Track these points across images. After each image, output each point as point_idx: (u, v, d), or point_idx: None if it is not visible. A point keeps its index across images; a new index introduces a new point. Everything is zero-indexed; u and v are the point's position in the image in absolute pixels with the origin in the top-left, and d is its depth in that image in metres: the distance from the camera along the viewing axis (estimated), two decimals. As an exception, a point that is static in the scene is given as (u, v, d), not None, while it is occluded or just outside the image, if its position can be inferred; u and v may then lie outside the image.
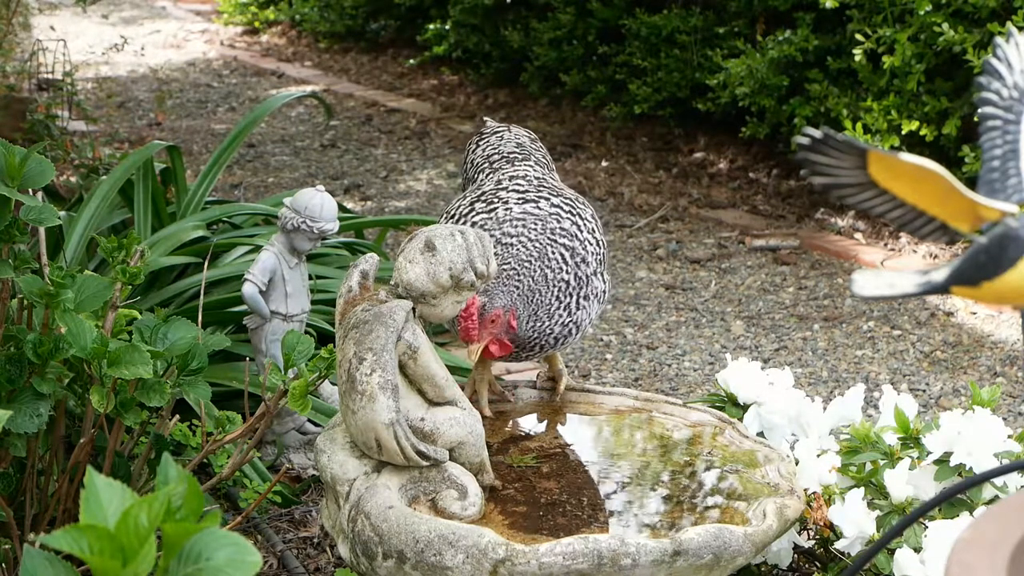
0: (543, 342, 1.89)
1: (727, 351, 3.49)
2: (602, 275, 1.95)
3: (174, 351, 1.83)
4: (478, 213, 1.97)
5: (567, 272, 1.88)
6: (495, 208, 1.97)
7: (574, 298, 1.89)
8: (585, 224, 1.96)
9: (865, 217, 4.53)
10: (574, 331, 1.91)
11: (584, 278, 1.90)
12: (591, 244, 1.94)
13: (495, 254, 1.80)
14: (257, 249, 2.90)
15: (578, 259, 1.91)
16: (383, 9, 7.88)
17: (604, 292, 1.94)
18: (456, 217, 1.99)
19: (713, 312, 3.84)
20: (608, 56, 5.62)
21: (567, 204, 1.99)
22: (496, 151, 2.17)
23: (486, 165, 2.15)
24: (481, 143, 2.23)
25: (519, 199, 1.98)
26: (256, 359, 2.49)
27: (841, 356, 3.50)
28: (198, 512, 0.84)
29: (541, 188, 2.02)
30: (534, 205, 1.96)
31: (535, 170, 2.11)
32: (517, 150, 2.17)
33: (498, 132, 2.22)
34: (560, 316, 1.87)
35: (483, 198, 2.01)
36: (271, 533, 2.27)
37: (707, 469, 1.81)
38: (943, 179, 0.86)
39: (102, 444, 1.98)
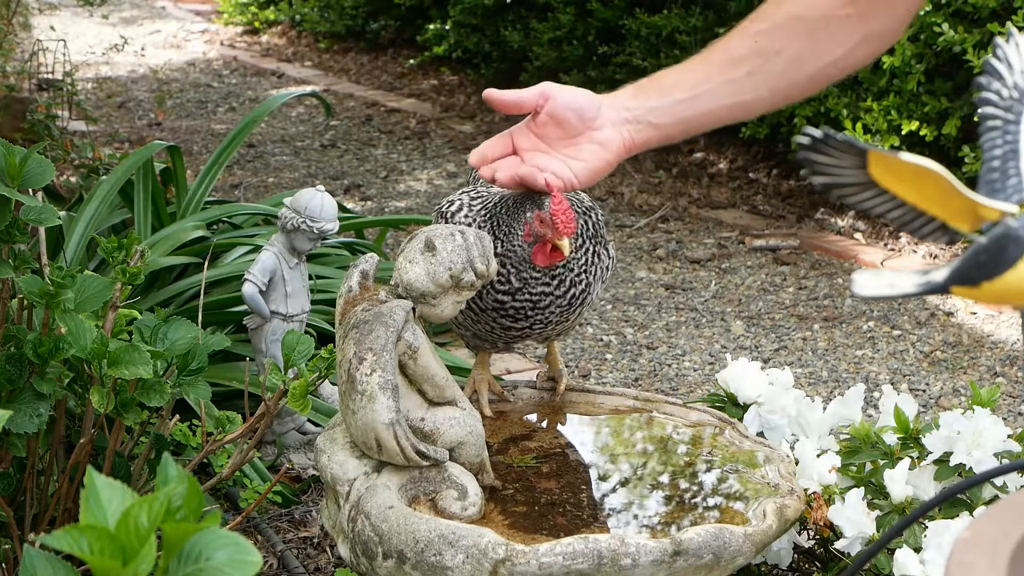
0: (558, 287, 1.80)
1: (727, 351, 3.49)
2: (605, 248, 1.91)
3: (174, 351, 1.82)
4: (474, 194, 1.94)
5: (580, 217, 1.84)
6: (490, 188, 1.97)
7: (591, 248, 1.84)
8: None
9: (865, 217, 4.53)
10: (584, 295, 1.84)
11: (594, 232, 1.86)
12: (594, 213, 1.92)
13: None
14: (257, 249, 2.91)
15: (587, 208, 1.88)
16: (383, 9, 7.89)
17: (607, 268, 1.91)
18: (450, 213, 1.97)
19: (713, 312, 3.84)
20: (608, 56, 5.63)
21: None
22: None
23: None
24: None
25: None
26: (256, 359, 2.49)
27: (841, 356, 3.50)
28: (198, 512, 0.84)
29: None
30: None
31: None
32: None
33: None
34: (578, 259, 1.81)
35: (480, 185, 2.02)
36: (271, 533, 2.27)
37: (707, 469, 1.80)
38: (943, 179, 0.86)
39: (102, 444, 1.98)
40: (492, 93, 1.78)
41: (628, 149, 1.75)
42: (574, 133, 1.74)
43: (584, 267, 1.82)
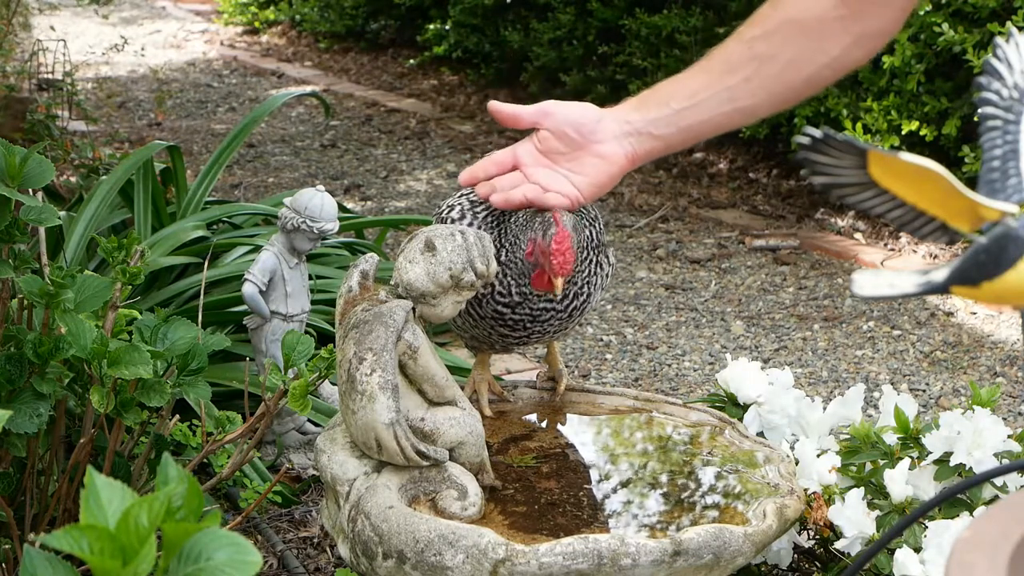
0: (560, 301, 1.80)
1: (727, 351, 3.49)
2: (606, 256, 1.91)
3: (174, 351, 1.82)
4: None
5: (586, 228, 1.84)
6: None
7: (594, 259, 1.83)
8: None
9: (865, 217, 4.53)
10: (584, 305, 1.84)
11: (597, 242, 1.86)
12: (597, 223, 1.92)
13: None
14: (257, 249, 2.91)
15: (591, 219, 1.88)
16: (383, 9, 7.89)
17: (607, 275, 1.91)
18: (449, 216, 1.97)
19: (713, 312, 3.84)
20: (608, 56, 5.62)
21: None
22: None
23: None
24: None
25: None
26: (256, 359, 2.49)
27: (841, 356, 3.50)
28: (198, 512, 0.84)
29: None
30: None
31: None
32: None
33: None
34: (582, 272, 1.81)
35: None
36: (271, 533, 2.27)
37: (707, 469, 1.80)
38: (943, 179, 0.86)
39: (102, 444, 1.98)
40: (494, 104, 1.81)
41: (631, 161, 1.76)
42: (575, 148, 1.75)
43: (586, 278, 1.82)
